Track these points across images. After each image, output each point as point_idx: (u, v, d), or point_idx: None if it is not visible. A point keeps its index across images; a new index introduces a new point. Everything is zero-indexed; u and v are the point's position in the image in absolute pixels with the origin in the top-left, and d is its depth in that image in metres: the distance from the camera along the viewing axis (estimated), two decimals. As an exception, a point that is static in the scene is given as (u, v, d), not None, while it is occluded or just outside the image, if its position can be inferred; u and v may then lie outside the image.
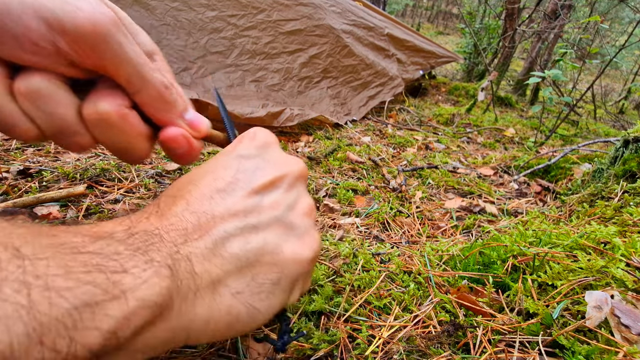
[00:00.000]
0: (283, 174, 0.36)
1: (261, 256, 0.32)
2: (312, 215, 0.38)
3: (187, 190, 0.32)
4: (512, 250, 0.66)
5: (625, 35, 4.47)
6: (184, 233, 0.28)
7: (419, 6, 18.31)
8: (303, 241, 0.35)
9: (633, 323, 0.47)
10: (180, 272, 0.26)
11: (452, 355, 0.48)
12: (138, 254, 0.24)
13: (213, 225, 0.30)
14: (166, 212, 0.29)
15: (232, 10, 1.76)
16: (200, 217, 0.30)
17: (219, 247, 0.30)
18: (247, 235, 0.31)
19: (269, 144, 0.39)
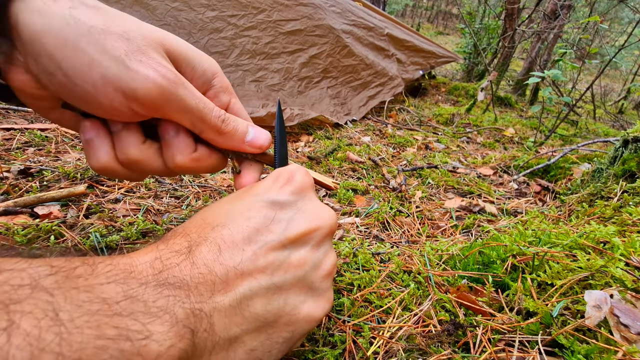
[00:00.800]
0: (315, 227, 0.36)
1: (280, 317, 0.33)
2: (332, 274, 0.39)
3: (218, 232, 0.32)
4: (512, 250, 0.66)
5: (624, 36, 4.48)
6: (211, 287, 0.29)
7: (419, 6, 18.32)
8: (318, 303, 0.36)
9: (632, 322, 0.47)
10: (199, 332, 0.27)
11: (452, 354, 0.48)
12: (164, 313, 0.25)
13: (240, 282, 0.31)
14: (197, 260, 0.30)
15: (232, 10, 1.76)
16: (229, 272, 0.30)
17: (242, 305, 0.30)
18: (270, 295, 0.32)
19: (306, 189, 0.39)
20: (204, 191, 0.99)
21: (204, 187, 1.01)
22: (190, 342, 0.26)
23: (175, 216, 0.84)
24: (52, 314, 0.20)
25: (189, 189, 0.98)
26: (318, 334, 0.54)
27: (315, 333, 0.54)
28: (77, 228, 0.73)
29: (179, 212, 0.86)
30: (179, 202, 0.92)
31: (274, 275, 0.32)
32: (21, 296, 0.20)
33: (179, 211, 0.87)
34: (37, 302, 0.20)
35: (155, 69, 0.32)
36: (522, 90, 4.14)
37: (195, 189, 0.99)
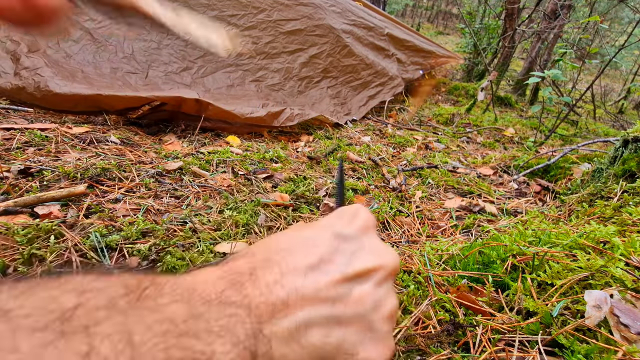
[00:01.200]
0: (378, 265, 0.35)
1: (337, 354, 0.32)
2: (393, 319, 0.37)
3: (281, 256, 0.32)
4: (512, 250, 0.66)
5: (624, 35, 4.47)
6: (272, 308, 0.29)
7: (419, 6, 18.31)
8: (377, 347, 0.34)
9: (632, 322, 0.47)
10: (259, 355, 0.28)
11: (452, 354, 0.48)
12: (226, 332, 0.26)
13: (300, 307, 0.30)
14: (259, 281, 0.30)
15: (232, 10, 1.76)
16: (289, 295, 0.30)
17: (300, 332, 0.30)
18: (329, 327, 0.32)
19: (369, 227, 0.39)
20: (204, 191, 0.99)
21: (204, 187, 1.01)
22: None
23: (175, 216, 0.84)
24: (127, 336, 0.21)
25: (189, 189, 0.98)
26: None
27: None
28: (77, 228, 0.73)
29: (179, 212, 0.86)
30: (179, 202, 0.92)
31: (334, 306, 0.32)
32: (100, 319, 0.21)
33: (179, 211, 0.87)
34: (114, 325, 0.21)
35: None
36: (522, 90, 4.14)
37: (195, 189, 0.99)
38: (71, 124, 1.28)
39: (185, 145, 1.32)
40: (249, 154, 1.31)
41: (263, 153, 1.33)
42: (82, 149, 1.08)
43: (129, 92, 1.38)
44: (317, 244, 0.34)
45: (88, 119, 1.38)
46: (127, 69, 1.56)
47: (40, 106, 1.34)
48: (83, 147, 1.09)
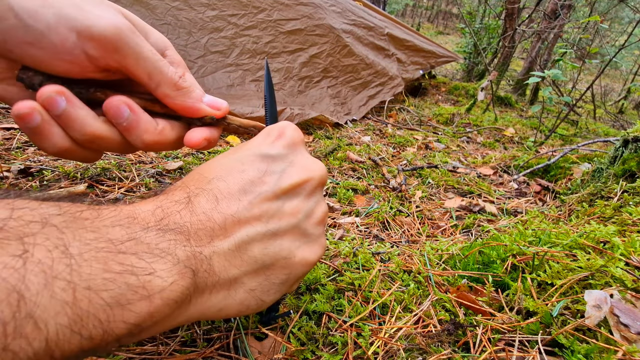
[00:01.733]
0: (306, 178, 0.38)
1: (276, 260, 0.35)
2: (324, 222, 0.41)
3: (215, 185, 0.34)
4: (512, 250, 0.66)
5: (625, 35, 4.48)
6: (210, 233, 0.31)
7: (419, 6, 18.31)
8: (312, 248, 0.38)
9: (632, 322, 0.47)
10: (200, 272, 0.29)
11: (453, 354, 0.48)
12: (166, 254, 0.27)
13: (237, 229, 0.32)
14: (196, 208, 0.32)
15: (232, 9, 1.76)
16: (226, 219, 0.32)
17: (241, 250, 0.32)
18: (266, 241, 0.34)
19: (297, 143, 0.40)
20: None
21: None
22: (191, 280, 0.28)
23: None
24: (62, 247, 0.22)
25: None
26: (318, 334, 0.54)
27: (315, 332, 0.54)
28: (77, 227, 0.73)
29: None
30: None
31: (269, 222, 0.34)
32: (33, 230, 0.21)
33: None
34: (48, 237, 0.22)
35: (111, 12, 0.32)
36: (522, 90, 4.14)
37: (196, 189, 0.99)
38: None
39: (186, 145, 1.32)
40: (249, 153, 1.31)
41: (263, 153, 1.33)
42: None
43: (129, 92, 1.38)
44: (246, 168, 0.36)
45: (88, 119, 1.38)
46: (127, 68, 1.56)
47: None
48: (83, 146, 1.09)
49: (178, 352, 0.50)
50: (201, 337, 0.53)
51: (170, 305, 0.26)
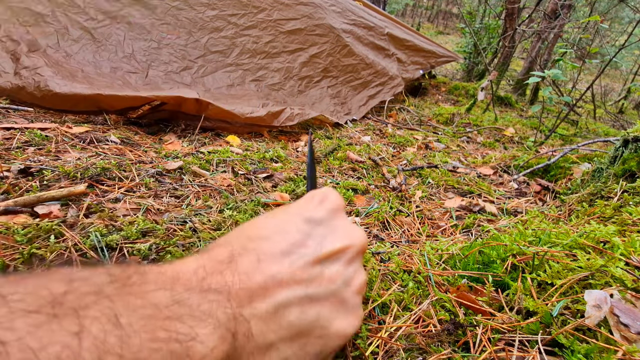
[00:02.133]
0: (347, 245, 0.38)
1: (313, 329, 0.34)
2: (362, 292, 0.40)
3: (257, 244, 0.34)
4: (512, 250, 0.66)
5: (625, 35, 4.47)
6: (250, 294, 0.31)
7: (419, 6, 18.30)
8: (349, 319, 0.37)
9: (632, 322, 0.47)
10: (239, 335, 0.29)
11: (452, 354, 0.48)
12: (207, 316, 0.27)
13: (277, 291, 0.32)
14: (238, 267, 0.32)
15: (232, 9, 1.76)
16: (267, 280, 0.32)
17: (278, 313, 0.32)
18: (304, 305, 0.34)
19: (338, 210, 0.41)
20: (204, 191, 0.99)
21: (204, 187, 1.01)
22: (231, 345, 0.28)
23: (175, 215, 0.84)
24: (114, 319, 0.23)
25: (189, 189, 0.98)
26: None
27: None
28: (77, 227, 0.73)
29: (179, 211, 0.86)
30: (179, 202, 0.92)
31: (308, 287, 0.34)
32: (88, 303, 0.22)
33: (179, 210, 0.87)
34: (102, 308, 0.23)
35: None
36: (522, 89, 4.14)
37: (196, 189, 0.99)
38: (71, 123, 1.28)
39: (185, 144, 1.32)
40: (249, 153, 1.31)
41: (263, 153, 1.33)
42: (82, 149, 1.08)
43: (129, 92, 1.38)
44: (289, 230, 0.36)
45: (88, 119, 1.38)
46: (127, 68, 1.56)
47: (40, 106, 1.34)
48: (83, 146, 1.09)
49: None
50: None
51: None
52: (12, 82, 1.30)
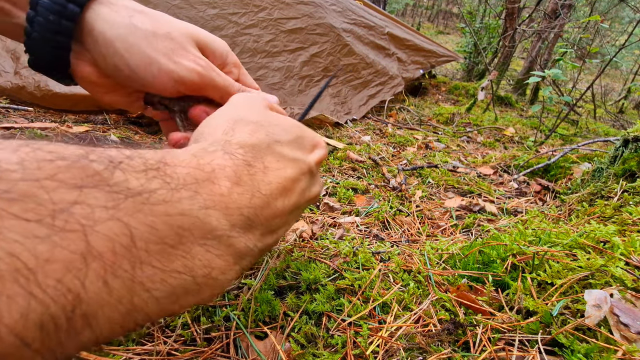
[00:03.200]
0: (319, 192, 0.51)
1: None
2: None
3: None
4: (512, 249, 0.66)
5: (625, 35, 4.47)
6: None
7: (419, 5, 18.29)
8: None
9: (632, 322, 0.47)
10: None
11: (453, 353, 0.48)
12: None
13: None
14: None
15: (233, 8, 1.75)
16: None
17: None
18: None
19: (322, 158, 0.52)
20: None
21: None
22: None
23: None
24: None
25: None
26: (318, 335, 0.54)
27: (314, 334, 0.54)
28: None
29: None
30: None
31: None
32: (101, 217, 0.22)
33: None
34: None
35: (194, 61, 0.43)
36: (522, 89, 4.13)
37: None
38: (71, 123, 1.28)
39: (186, 144, 1.32)
40: (249, 153, 1.31)
41: (263, 152, 1.33)
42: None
43: (129, 91, 1.37)
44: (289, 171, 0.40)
45: (88, 118, 1.37)
46: (127, 67, 1.56)
47: (40, 105, 1.34)
48: (83, 145, 1.09)
49: (178, 352, 0.50)
50: (201, 336, 0.53)
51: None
52: (12, 81, 1.30)
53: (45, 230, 0.18)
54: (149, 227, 0.22)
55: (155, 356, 0.49)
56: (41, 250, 0.17)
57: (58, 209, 0.19)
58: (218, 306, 0.58)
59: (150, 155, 0.26)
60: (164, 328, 0.54)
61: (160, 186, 0.24)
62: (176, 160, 0.27)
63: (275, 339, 0.52)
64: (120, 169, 0.22)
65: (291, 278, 0.65)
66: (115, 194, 0.21)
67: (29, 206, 0.18)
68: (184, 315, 0.55)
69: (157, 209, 0.23)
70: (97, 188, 0.21)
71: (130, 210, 0.22)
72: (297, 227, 0.84)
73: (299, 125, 0.44)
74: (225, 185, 0.28)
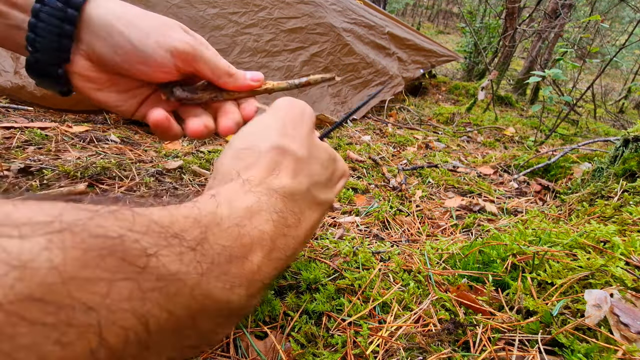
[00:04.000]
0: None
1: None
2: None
3: None
4: (512, 249, 0.66)
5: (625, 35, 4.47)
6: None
7: (420, 5, 18.28)
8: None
9: (632, 322, 0.47)
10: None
11: (453, 353, 0.48)
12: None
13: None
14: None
15: (233, 7, 1.75)
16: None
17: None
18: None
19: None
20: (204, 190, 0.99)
21: (204, 186, 1.01)
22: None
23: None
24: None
25: (189, 188, 0.98)
26: (318, 334, 0.54)
27: (314, 334, 0.54)
28: (78, 226, 0.72)
29: (179, 210, 0.86)
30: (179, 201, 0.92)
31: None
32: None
33: (179, 209, 0.87)
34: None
35: (184, 35, 0.45)
36: (522, 89, 4.13)
37: (196, 188, 0.99)
38: (71, 122, 1.28)
39: (186, 144, 1.32)
40: (249, 152, 1.31)
41: (263, 152, 1.33)
42: (82, 148, 1.08)
43: (129, 91, 1.37)
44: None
45: (88, 118, 1.37)
46: (127, 67, 1.55)
47: (40, 105, 1.34)
48: (83, 145, 1.09)
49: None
50: (201, 336, 0.53)
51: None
52: (12, 81, 1.30)
53: (59, 334, 0.17)
54: (169, 313, 0.22)
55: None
56: (50, 352, 0.17)
57: (79, 308, 0.18)
58: (218, 306, 0.58)
59: (191, 232, 0.25)
60: (164, 328, 0.54)
61: (192, 269, 0.23)
62: (219, 233, 0.27)
63: (275, 338, 0.52)
64: (156, 257, 0.22)
65: (291, 278, 0.65)
66: (144, 283, 0.21)
67: (47, 309, 0.17)
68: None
69: (182, 295, 0.23)
70: (127, 280, 0.20)
71: (154, 300, 0.21)
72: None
73: (334, 157, 0.45)
74: (257, 261, 0.29)
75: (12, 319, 0.15)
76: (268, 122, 0.41)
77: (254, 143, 0.38)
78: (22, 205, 0.19)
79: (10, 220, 0.17)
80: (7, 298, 0.15)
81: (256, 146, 0.38)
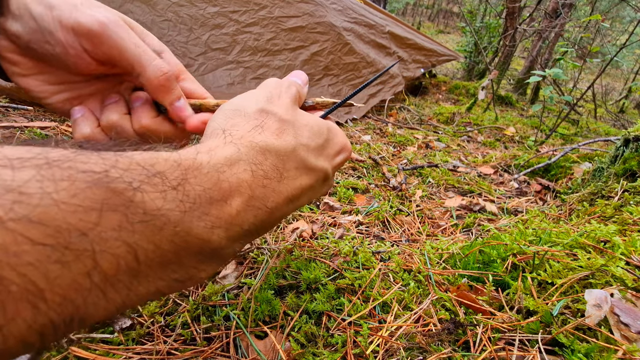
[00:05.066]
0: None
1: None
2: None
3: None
4: (512, 249, 0.66)
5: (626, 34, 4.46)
6: None
7: (420, 5, 18.26)
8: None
9: (632, 321, 0.47)
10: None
11: (453, 353, 0.48)
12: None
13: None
14: None
15: (233, 6, 1.75)
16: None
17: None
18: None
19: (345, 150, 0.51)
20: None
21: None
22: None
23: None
24: None
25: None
26: (318, 334, 0.54)
27: (314, 334, 0.54)
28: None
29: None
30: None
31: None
32: None
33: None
34: None
35: (100, 12, 0.37)
36: (523, 89, 4.13)
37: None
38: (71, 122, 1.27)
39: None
40: (250, 152, 1.31)
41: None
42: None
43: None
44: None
45: (88, 116, 1.37)
46: (128, 66, 1.55)
47: (40, 105, 1.34)
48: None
49: (177, 351, 0.50)
50: (201, 336, 0.53)
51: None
52: (12, 79, 1.30)
53: (58, 254, 0.19)
54: (155, 245, 0.24)
55: (155, 355, 0.49)
56: (52, 270, 0.19)
57: (74, 232, 0.19)
58: (218, 306, 0.58)
59: (172, 172, 0.26)
60: (164, 327, 0.54)
61: (175, 207, 0.25)
62: (199, 177, 0.28)
63: (275, 338, 0.52)
64: (140, 191, 0.23)
65: (291, 277, 0.65)
66: (132, 216, 0.22)
67: (46, 231, 0.18)
68: (184, 315, 0.55)
69: (166, 230, 0.24)
70: (115, 212, 0.22)
71: (141, 232, 0.23)
72: (297, 227, 0.84)
73: (329, 127, 0.43)
74: (236, 205, 0.30)
75: (16, 237, 0.17)
76: (256, 92, 0.41)
77: (242, 106, 0.38)
78: (12, 147, 0.21)
79: (2, 155, 0.19)
80: (8, 215, 0.17)
81: (244, 108, 0.38)
